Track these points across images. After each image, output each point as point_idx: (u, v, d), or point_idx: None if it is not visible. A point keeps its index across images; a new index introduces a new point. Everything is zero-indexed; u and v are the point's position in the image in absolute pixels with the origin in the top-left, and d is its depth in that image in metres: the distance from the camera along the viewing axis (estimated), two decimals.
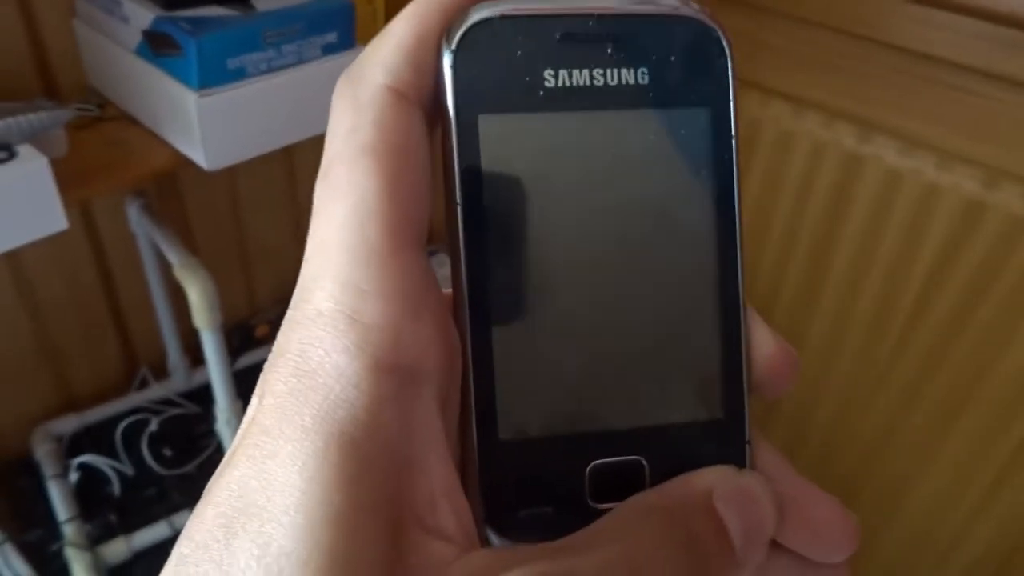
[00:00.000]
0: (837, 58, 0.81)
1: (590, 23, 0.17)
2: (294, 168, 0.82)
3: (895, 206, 0.82)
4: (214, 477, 0.15)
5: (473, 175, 0.16)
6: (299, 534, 0.13)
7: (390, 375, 0.14)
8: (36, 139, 0.51)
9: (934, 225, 0.80)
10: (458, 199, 0.16)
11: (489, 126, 0.16)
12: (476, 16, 0.16)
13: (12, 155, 0.48)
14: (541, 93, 0.16)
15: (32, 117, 0.50)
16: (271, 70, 0.57)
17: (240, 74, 0.55)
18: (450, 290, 0.17)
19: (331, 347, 0.14)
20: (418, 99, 0.16)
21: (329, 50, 0.59)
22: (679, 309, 0.18)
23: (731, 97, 0.17)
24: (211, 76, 0.54)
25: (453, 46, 0.16)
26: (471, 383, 0.16)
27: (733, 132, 0.17)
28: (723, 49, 0.17)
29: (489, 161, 0.16)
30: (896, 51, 0.77)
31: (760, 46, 0.85)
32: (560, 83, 0.16)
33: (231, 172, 0.77)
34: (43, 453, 0.72)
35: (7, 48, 0.61)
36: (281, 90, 0.58)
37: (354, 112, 0.16)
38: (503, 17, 0.16)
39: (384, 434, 0.14)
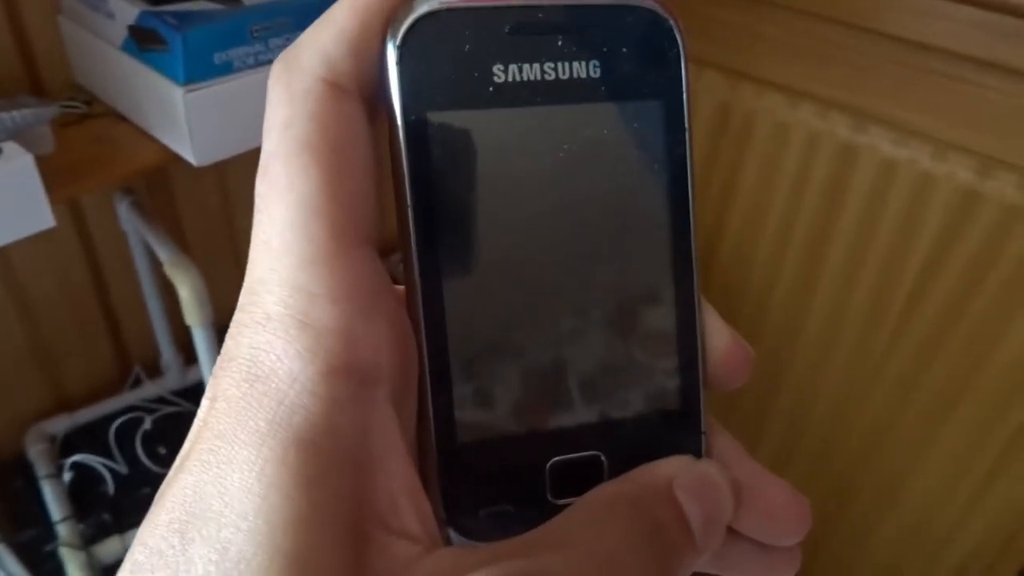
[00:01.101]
0: (831, 48, 0.81)
1: (539, 14, 0.16)
2: None
3: (890, 196, 0.82)
4: (166, 482, 0.14)
5: (422, 175, 0.16)
6: (259, 539, 0.13)
7: (344, 378, 0.14)
8: (22, 136, 0.51)
9: (929, 215, 0.80)
10: (408, 200, 0.16)
11: (438, 124, 0.16)
12: (421, 8, 0.16)
13: None
14: (491, 89, 0.16)
15: (16, 114, 0.49)
16: (258, 64, 0.56)
17: (227, 68, 0.55)
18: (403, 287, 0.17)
19: (283, 352, 0.14)
20: (358, 91, 0.16)
21: None
22: (634, 304, 0.17)
23: (684, 88, 0.17)
24: (197, 71, 0.53)
25: (398, 40, 0.15)
26: (427, 384, 0.16)
27: (686, 124, 0.17)
28: (675, 39, 0.17)
29: (439, 161, 0.16)
30: (890, 40, 0.76)
31: (754, 37, 0.85)
32: (510, 78, 0.16)
33: (220, 168, 0.76)
34: (36, 453, 0.72)
35: None
36: None
37: (289, 103, 0.15)
38: (450, 9, 0.16)
39: (341, 437, 0.14)
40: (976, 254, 0.78)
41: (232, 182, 0.79)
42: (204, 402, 0.15)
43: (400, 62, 0.15)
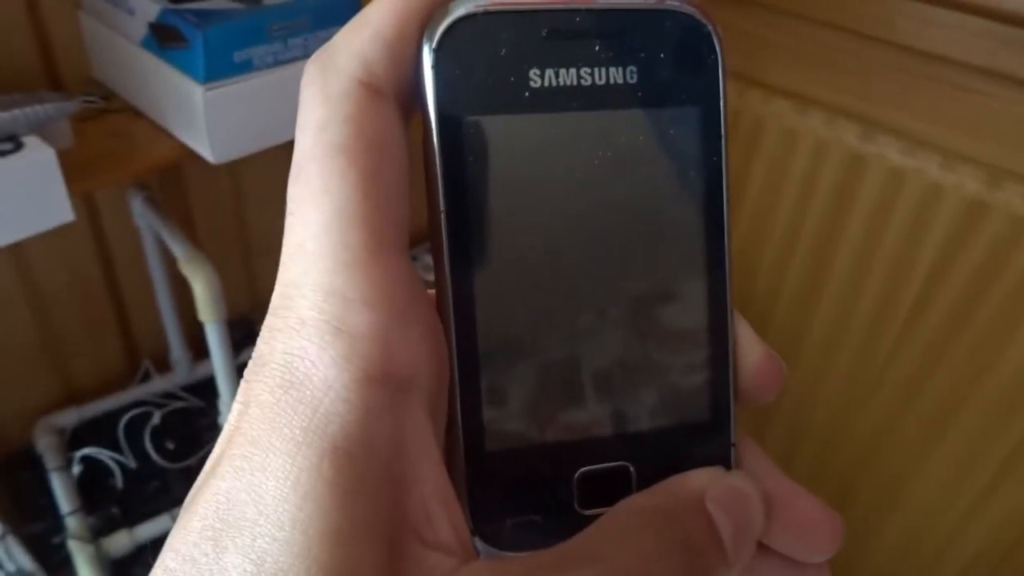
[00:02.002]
0: (840, 56, 0.81)
1: (577, 19, 0.16)
2: None
3: (897, 205, 0.82)
4: (197, 487, 0.14)
5: (457, 180, 0.16)
6: (296, 550, 0.13)
7: (380, 386, 0.14)
8: (41, 131, 0.51)
9: (936, 224, 0.80)
10: (441, 206, 0.16)
11: (474, 129, 0.16)
12: (458, 11, 0.15)
13: (19, 146, 0.48)
14: (527, 94, 0.16)
15: (38, 108, 0.50)
16: (277, 63, 0.57)
17: (247, 67, 0.55)
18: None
19: (317, 358, 0.14)
20: (394, 93, 0.16)
21: None
22: (666, 313, 0.17)
23: (721, 95, 0.17)
24: (217, 69, 0.54)
25: (434, 44, 0.15)
26: (457, 393, 0.16)
27: (723, 132, 0.17)
28: (713, 45, 0.17)
29: (474, 166, 0.16)
30: (900, 49, 0.77)
31: (763, 44, 0.86)
32: (547, 83, 0.16)
33: (234, 166, 0.77)
34: (45, 446, 0.72)
35: (12, 40, 0.61)
36: (287, 83, 0.57)
37: (324, 105, 0.15)
38: (487, 13, 0.15)
39: (377, 447, 0.14)
40: (982, 264, 0.78)
41: (246, 180, 0.80)
42: (236, 406, 0.15)
43: (436, 65, 0.15)
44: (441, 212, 0.16)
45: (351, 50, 0.15)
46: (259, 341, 0.15)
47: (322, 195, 0.15)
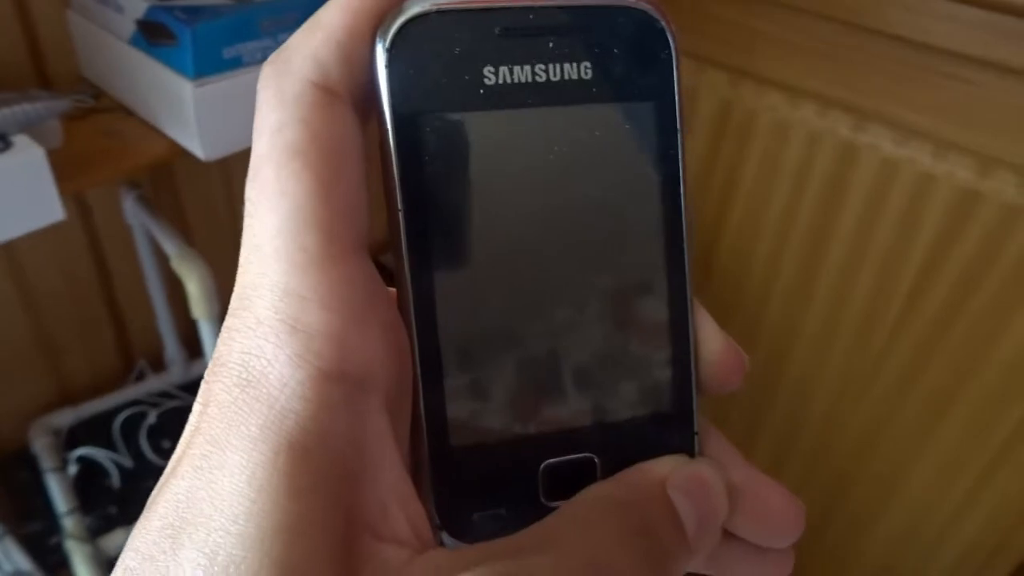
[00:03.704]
0: (832, 47, 0.81)
1: (530, 16, 0.16)
2: None
3: (890, 195, 0.83)
4: (158, 487, 0.15)
5: (414, 179, 0.16)
6: (248, 543, 0.13)
7: (336, 384, 0.14)
8: (31, 130, 0.51)
9: (928, 214, 0.80)
10: (400, 205, 0.16)
11: (429, 127, 0.15)
12: (411, 10, 0.15)
13: (8, 145, 0.48)
14: (481, 91, 0.16)
15: (28, 107, 0.50)
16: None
17: (236, 63, 0.55)
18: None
19: (273, 357, 0.14)
20: (349, 95, 0.16)
21: None
22: (626, 306, 0.17)
23: (675, 89, 0.17)
24: (207, 65, 0.54)
25: (387, 43, 0.15)
26: (419, 387, 0.16)
27: (678, 125, 0.17)
28: (667, 40, 0.17)
29: (430, 164, 0.16)
30: (891, 39, 0.77)
31: (755, 35, 0.86)
32: (501, 80, 0.16)
33: (225, 163, 0.77)
34: (41, 446, 0.72)
35: (1, 40, 0.61)
36: None
37: (280, 107, 0.15)
38: (440, 12, 0.15)
39: (333, 443, 0.14)
40: (975, 254, 0.78)
41: (237, 177, 0.80)
42: (196, 407, 0.15)
43: (389, 65, 0.15)
44: (399, 211, 0.16)
45: (305, 52, 0.15)
46: (218, 342, 0.15)
47: (278, 197, 0.15)
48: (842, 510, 1.01)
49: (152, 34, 0.55)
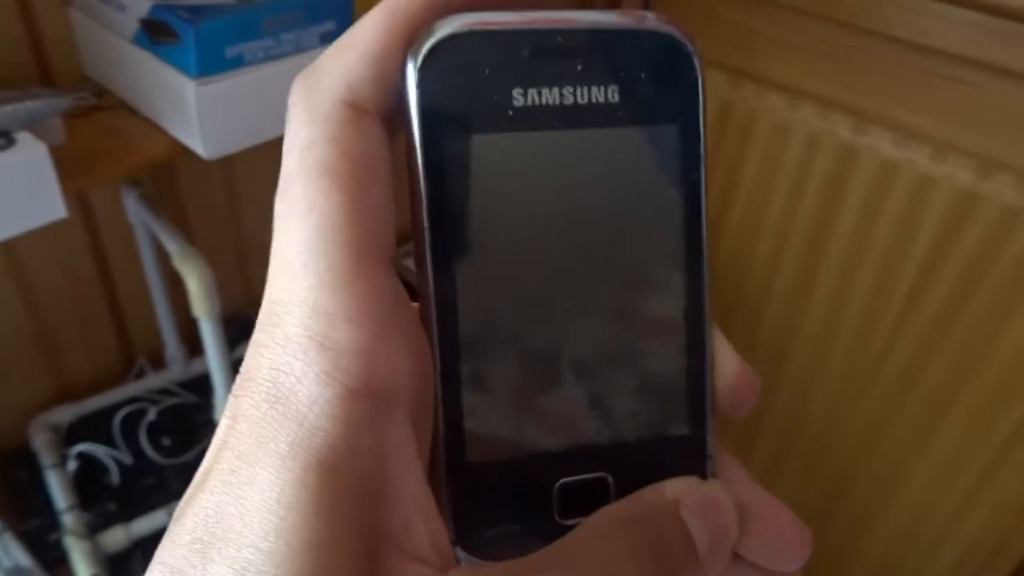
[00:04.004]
0: (833, 48, 0.82)
1: (559, 38, 0.16)
2: None
3: (889, 197, 0.83)
4: (185, 501, 0.15)
5: (441, 198, 0.16)
6: (277, 560, 0.13)
7: (363, 400, 0.14)
8: (33, 127, 0.51)
9: (928, 216, 0.81)
10: (425, 223, 0.16)
11: (457, 147, 0.16)
12: (442, 31, 0.16)
13: (11, 142, 0.48)
14: (510, 112, 0.16)
15: (30, 104, 0.50)
16: (269, 58, 0.57)
17: (238, 62, 0.55)
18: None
19: (302, 374, 0.14)
20: (378, 112, 0.16)
21: (327, 39, 0.59)
22: (646, 328, 0.18)
23: (700, 114, 0.17)
24: (209, 64, 0.54)
25: (419, 63, 0.16)
26: (439, 406, 0.16)
27: (702, 151, 0.17)
28: (693, 65, 0.17)
29: (457, 184, 0.16)
30: (892, 41, 0.77)
31: (756, 36, 0.86)
32: (530, 102, 0.16)
33: (227, 162, 0.77)
34: (41, 443, 0.72)
35: (4, 37, 0.61)
36: (279, 79, 0.57)
37: (309, 124, 0.16)
38: (471, 32, 0.16)
39: (360, 461, 0.14)
40: (974, 255, 0.79)
41: (239, 175, 0.80)
42: (224, 421, 0.15)
43: (420, 85, 0.16)
44: (425, 229, 0.16)
45: (336, 71, 0.16)
46: (247, 356, 0.15)
47: (307, 213, 0.15)
48: (842, 510, 1.01)
49: (155, 33, 0.55)
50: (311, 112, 0.16)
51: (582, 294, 0.17)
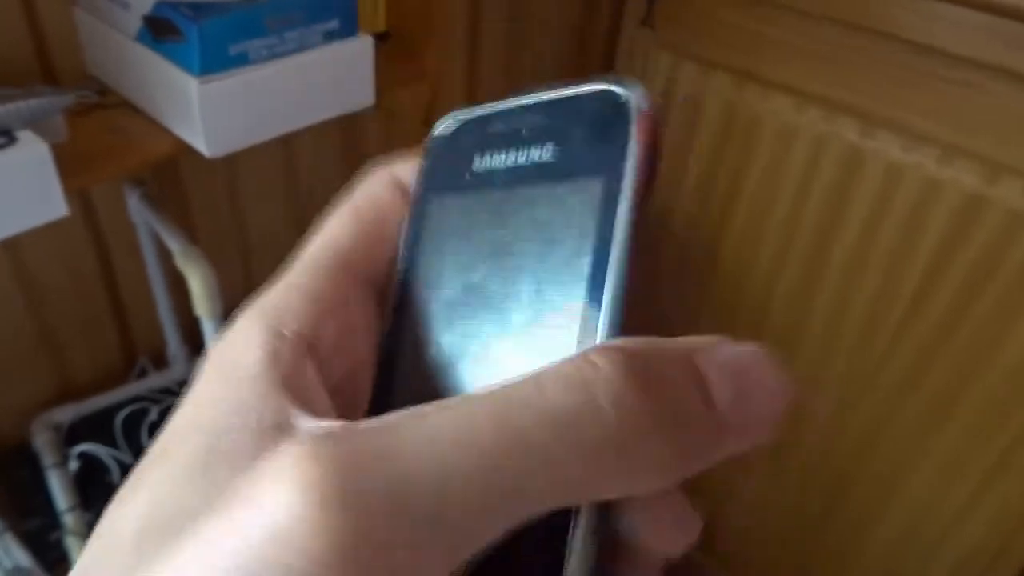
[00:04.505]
0: (839, 51, 0.81)
1: (517, 112, 0.19)
2: (293, 157, 0.82)
3: (895, 200, 0.82)
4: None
5: (415, 241, 0.19)
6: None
7: (285, 340, 0.17)
8: (35, 125, 0.51)
9: (934, 219, 0.80)
10: (402, 253, 0.20)
11: (429, 205, 0.20)
12: (445, 122, 0.20)
13: (12, 140, 0.48)
14: (468, 176, 0.19)
15: (32, 102, 0.50)
16: (273, 56, 0.56)
17: (242, 60, 0.55)
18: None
19: (243, 327, 0.17)
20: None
21: (331, 37, 0.59)
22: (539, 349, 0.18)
23: (628, 166, 0.16)
24: (213, 62, 0.53)
25: (424, 147, 0.20)
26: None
27: (628, 202, 0.16)
28: (627, 114, 0.17)
29: (425, 231, 0.19)
30: (898, 44, 0.77)
31: (761, 39, 0.85)
32: (485, 166, 0.19)
33: (230, 161, 0.77)
34: (42, 442, 0.72)
35: (6, 35, 0.60)
36: (283, 77, 0.57)
37: (358, 191, 0.20)
38: (464, 121, 0.20)
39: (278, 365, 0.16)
40: (980, 259, 0.78)
41: (242, 174, 0.80)
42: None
43: (424, 159, 0.20)
44: (400, 258, 0.20)
45: (387, 164, 0.21)
46: None
47: (322, 233, 0.19)
48: (843, 511, 1.01)
49: (158, 30, 0.55)
50: (364, 182, 0.20)
51: (495, 323, 0.18)
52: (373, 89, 0.64)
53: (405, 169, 0.20)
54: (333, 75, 0.60)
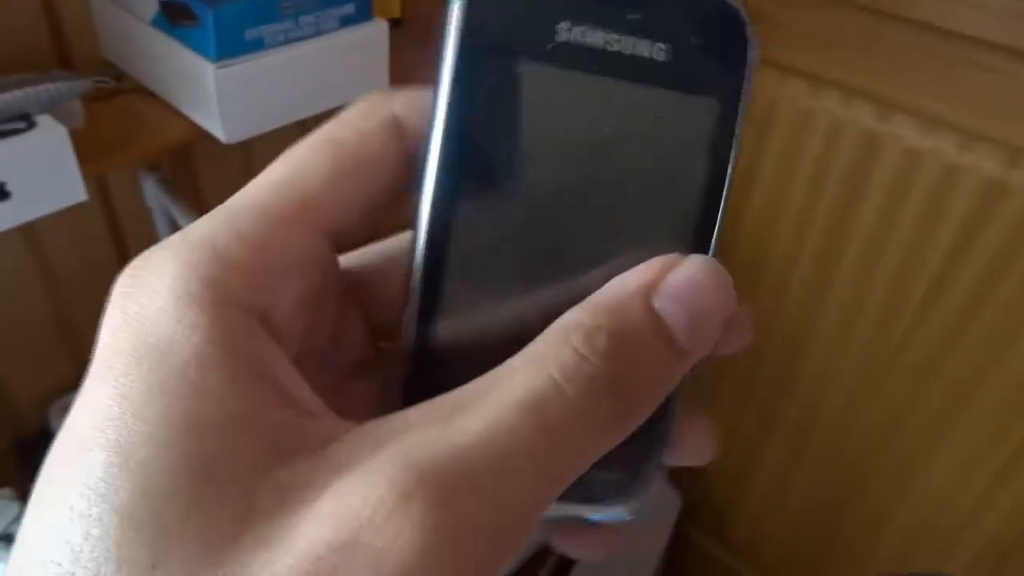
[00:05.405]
0: (856, 35, 0.80)
1: None
2: None
3: (914, 186, 0.82)
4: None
5: (459, 111, 0.15)
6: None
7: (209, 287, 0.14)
8: (53, 110, 0.51)
9: (953, 206, 0.79)
10: (442, 119, 0.15)
11: (486, 67, 0.15)
12: None
13: (32, 125, 0.48)
14: (549, 46, 0.15)
15: (50, 87, 0.50)
16: (288, 41, 0.56)
17: (258, 45, 0.55)
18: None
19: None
20: (410, 141, 0.16)
21: (346, 22, 0.59)
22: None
23: (742, 95, 0.16)
24: (229, 47, 0.53)
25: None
26: (415, 291, 0.16)
27: (736, 130, 0.16)
28: (746, 42, 0.16)
29: (479, 101, 0.16)
30: (917, 27, 0.76)
31: (777, 23, 0.85)
32: (572, 38, 0.15)
33: (246, 147, 0.77)
34: (60, 427, 0.73)
35: (23, 21, 0.61)
36: (299, 62, 0.57)
37: (344, 124, 0.16)
38: None
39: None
40: (1000, 246, 0.77)
41: (257, 159, 0.80)
42: None
43: (465, 7, 0.15)
44: (436, 133, 0.16)
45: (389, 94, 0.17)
46: None
47: (286, 160, 0.16)
48: (859, 503, 1.00)
49: (174, 15, 0.55)
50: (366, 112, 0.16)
51: (582, 241, 0.16)
52: (388, 74, 0.63)
53: (408, 107, 0.16)
54: (348, 60, 0.60)
